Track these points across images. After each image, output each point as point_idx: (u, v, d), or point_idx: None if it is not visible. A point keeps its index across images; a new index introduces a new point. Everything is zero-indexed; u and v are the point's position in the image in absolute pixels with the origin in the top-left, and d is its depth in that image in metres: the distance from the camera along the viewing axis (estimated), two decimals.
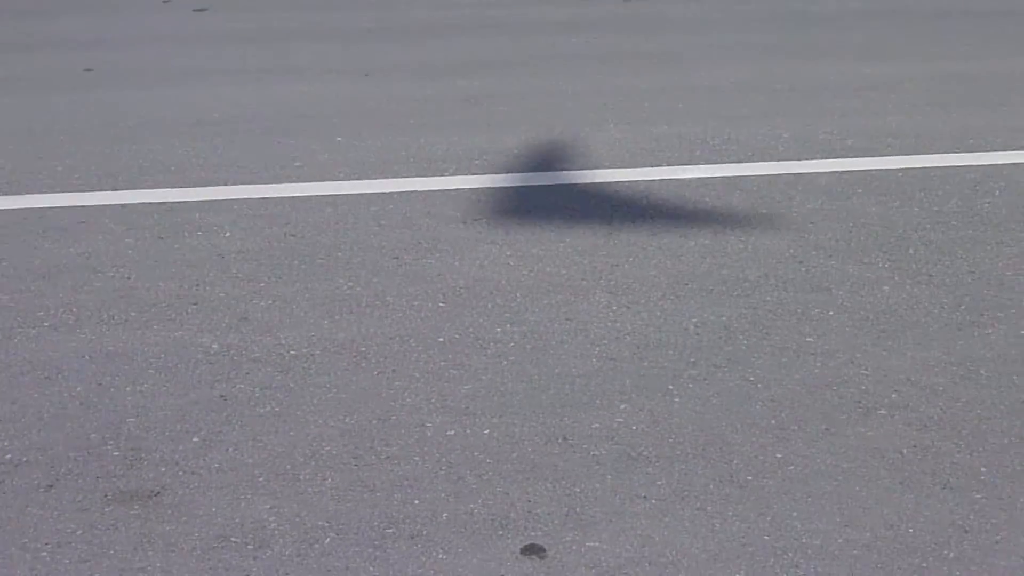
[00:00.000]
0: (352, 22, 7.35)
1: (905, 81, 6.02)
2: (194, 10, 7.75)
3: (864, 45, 6.75)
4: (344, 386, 3.28)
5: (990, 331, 3.59)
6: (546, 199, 4.54)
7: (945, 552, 2.62)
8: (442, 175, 4.78)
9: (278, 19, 7.47)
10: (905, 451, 2.99)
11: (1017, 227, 4.31)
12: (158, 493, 2.82)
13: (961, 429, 3.09)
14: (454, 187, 4.65)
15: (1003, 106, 5.63)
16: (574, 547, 2.63)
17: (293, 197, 4.58)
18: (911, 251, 4.12)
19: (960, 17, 7.40)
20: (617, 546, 2.63)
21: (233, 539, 2.66)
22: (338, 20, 7.40)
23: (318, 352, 3.46)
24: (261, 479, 2.87)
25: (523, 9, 7.64)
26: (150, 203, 4.53)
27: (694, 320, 3.64)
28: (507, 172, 4.81)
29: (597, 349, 3.47)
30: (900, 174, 4.79)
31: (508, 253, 4.09)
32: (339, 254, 4.09)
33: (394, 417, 3.13)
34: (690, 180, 4.73)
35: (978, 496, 2.82)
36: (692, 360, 3.41)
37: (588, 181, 4.71)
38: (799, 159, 4.95)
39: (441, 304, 3.75)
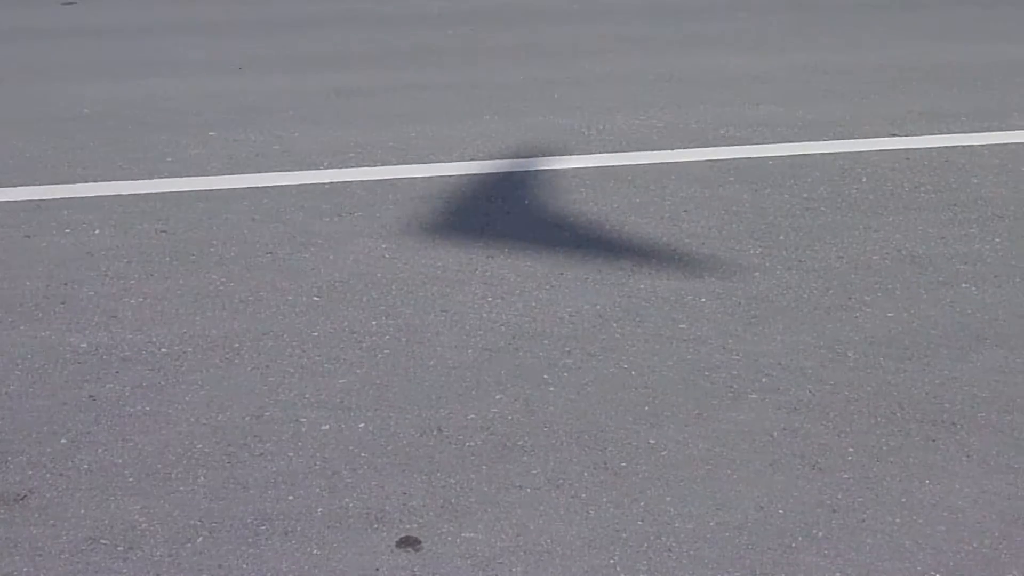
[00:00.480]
0: (225, 15, 7.25)
1: (776, 72, 6.11)
2: (63, 3, 7.59)
3: (735, 37, 6.84)
4: (217, 383, 3.24)
5: (858, 315, 3.67)
6: (421, 191, 4.53)
7: (814, 532, 2.67)
8: (316, 169, 4.74)
9: (149, 13, 7.35)
10: (775, 434, 3.04)
11: (884, 212, 4.41)
12: (24, 496, 2.76)
13: (829, 411, 3.14)
14: (328, 181, 4.62)
15: (869, 96, 5.74)
16: (449, 538, 2.63)
17: (165, 193, 4.51)
18: (782, 237, 4.19)
19: (826, 10, 7.53)
20: (492, 536, 2.64)
21: (103, 541, 2.61)
22: (210, 14, 7.30)
23: (190, 349, 3.41)
24: (131, 479, 2.83)
25: (398, 2, 7.61)
26: (16, 201, 4.43)
27: (569, 309, 3.66)
28: (382, 165, 4.78)
29: (473, 340, 3.48)
30: (771, 162, 4.87)
31: (383, 246, 4.07)
32: (212, 250, 4.04)
33: (268, 413, 3.10)
34: (565, 170, 4.75)
35: (846, 476, 2.87)
36: (567, 349, 3.43)
37: (464, 173, 4.71)
38: (673, 148, 5.00)
39: (316, 298, 3.72)
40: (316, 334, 3.50)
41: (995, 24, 7.16)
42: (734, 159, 4.89)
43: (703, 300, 3.73)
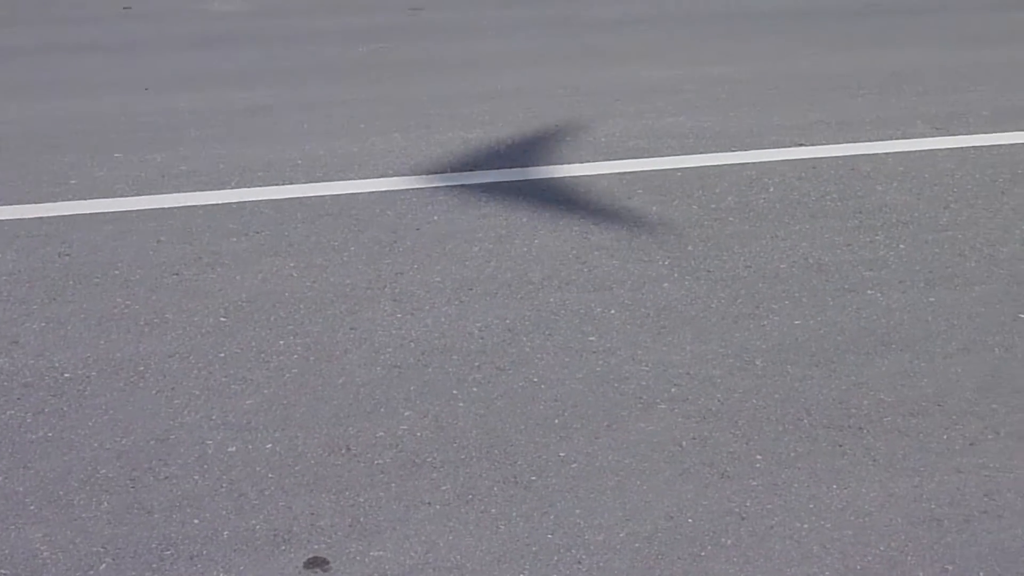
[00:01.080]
0: (131, 34, 7.16)
1: (684, 83, 6.14)
2: None
3: (641, 50, 6.86)
4: (121, 407, 3.19)
5: (765, 323, 3.69)
6: (330, 209, 4.50)
7: (723, 539, 2.68)
8: (223, 188, 4.69)
9: (52, 32, 7.24)
10: (684, 443, 3.05)
11: (790, 221, 4.45)
12: None
13: (737, 419, 3.16)
14: (236, 200, 4.57)
15: (776, 105, 5.80)
16: (358, 557, 2.61)
17: (68, 216, 4.44)
18: (690, 248, 4.21)
19: (728, 22, 7.59)
20: (401, 554, 2.62)
21: (2, 571, 2.55)
22: (116, 32, 7.21)
23: (94, 373, 3.36)
24: (32, 507, 2.77)
25: (307, 19, 7.56)
26: None
27: (478, 324, 3.65)
28: (290, 183, 4.74)
29: (382, 357, 3.45)
30: (679, 173, 4.89)
31: (291, 265, 4.03)
32: (116, 272, 3.97)
33: (173, 436, 3.06)
34: (475, 185, 4.74)
35: (754, 483, 2.89)
36: (476, 364, 3.42)
37: (373, 190, 4.69)
38: (582, 162, 5.01)
39: (222, 319, 3.67)
40: (223, 355, 3.46)
41: (897, 33, 7.26)
42: (642, 171, 4.91)
43: (612, 312, 3.74)
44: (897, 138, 5.34)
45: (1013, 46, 7.00)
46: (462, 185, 4.75)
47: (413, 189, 4.70)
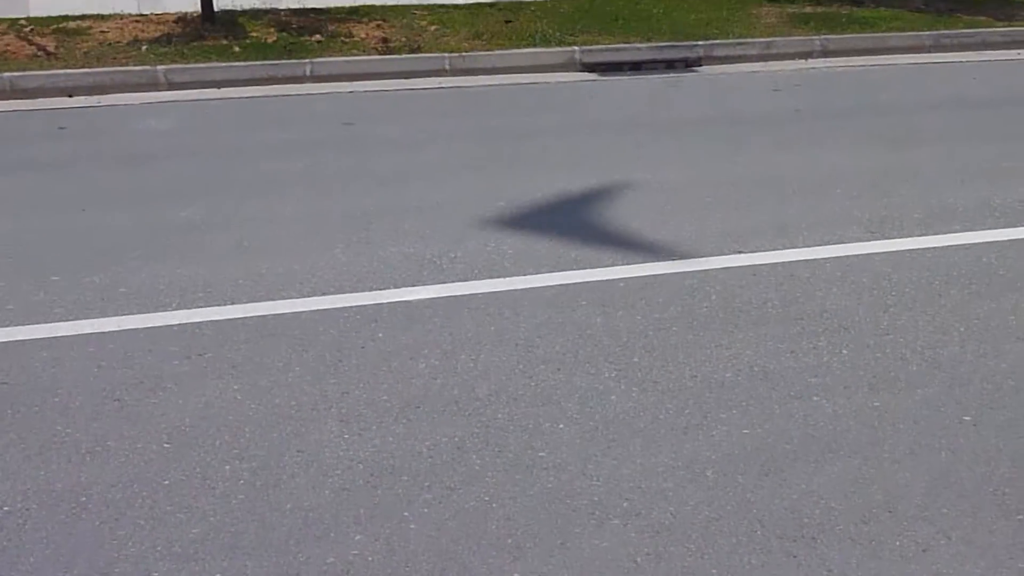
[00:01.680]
0: (66, 154, 7.13)
1: (618, 192, 6.19)
2: None
3: (570, 159, 6.91)
4: (62, 540, 3.11)
5: (714, 433, 3.69)
6: (273, 328, 4.47)
7: None
8: (164, 310, 4.64)
9: None
10: (639, 559, 3.02)
11: (734, 329, 4.47)
12: None
13: (691, 532, 3.14)
14: (177, 322, 4.52)
15: (712, 212, 5.85)
16: None
17: (5, 342, 4.37)
18: (636, 359, 4.22)
19: (656, 129, 7.69)
20: None
21: None
22: (52, 152, 7.17)
23: (34, 505, 3.28)
24: None
25: (240, 134, 7.57)
26: None
27: (427, 443, 3.62)
28: (231, 303, 4.71)
29: (330, 480, 3.40)
30: (622, 284, 4.91)
31: (235, 387, 3.99)
32: (55, 399, 3.91)
33: (118, 569, 2.98)
34: (418, 301, 4.73)
35: None
36: (426, 484, 3.38)
37: (316, 308, 4.66)
38: (524, 274, 5.02)
39: (166, 445, 3.61)
40: (167, 482, 3.39)
41: (825, 136, 7.38)
42: (585, 282, 4.93)
43: (561, 426, 3.72)
44: (833, 242, 5.41)
45: (937, 146, 7.14)
46: (406, 301, 4.73)
47: (356, 306, 4.68)
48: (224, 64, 9.15)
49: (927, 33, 10.73)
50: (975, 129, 7.60)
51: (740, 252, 5.28)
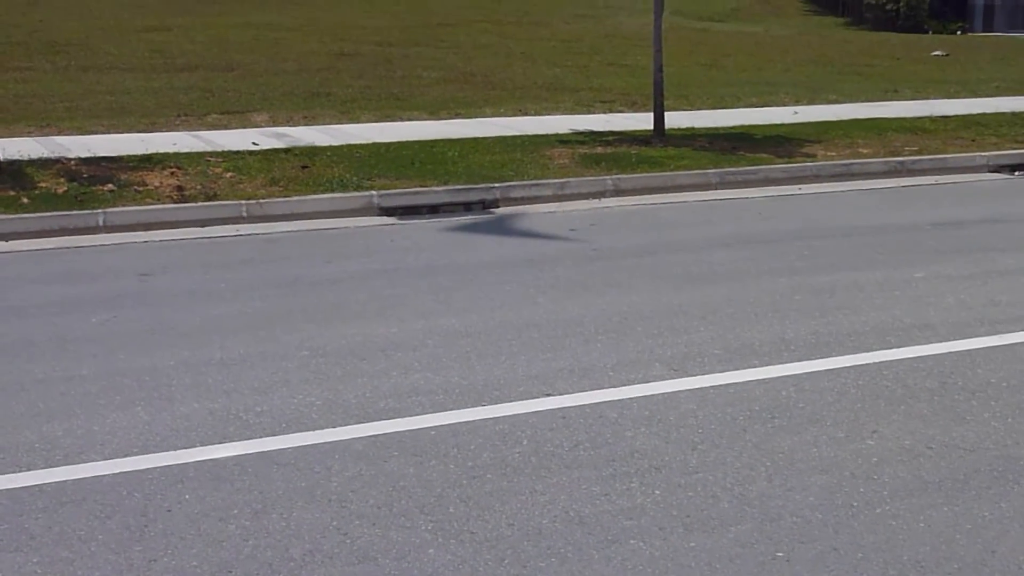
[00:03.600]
0: None
1: (422, 338, 6.18)
2: None
3: (375, 306, 6.83)
4: None
5: None
6: (72, 495, 4.28)
7: None
8: None
9: None
10: None
11: (547, 474, 4.47)
12: None
13: None
14: None
15: (517, 356, 5.89)
16: None
17: None
18: (451, 509, 4.17)
19: (453, 272, 7.74)
20: None
21: None
22: None
23: None
24: None
25: (32, 288, 7.30)
26: None
27: None
28: (27, 469, 4.50)
29: None
30: (433, 432, 4.88)
31: (33, 560, 3.79)
32: None
33: None
34: (225, 459, 4.61)
35: None
36: None
37: (117, 471, 4.49)
38: (333, 426, 4.95)
39: None
40: None
41: (622, 275, 7.52)
42: (395, 432, 4.88)
43: None
44: (638, 382, 5.50)
45: (731, 284, 7.35)
46: (212, 459, 4.60)
47: (160, 467, 4.53)
48: (11, 216, 8.88)
49: (713, 171, 11.13)
50: (764, 264, 7.87)
51: (548, 395, 5.32)
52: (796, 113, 15.16)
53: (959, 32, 32.17)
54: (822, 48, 24.94)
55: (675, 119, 13.57)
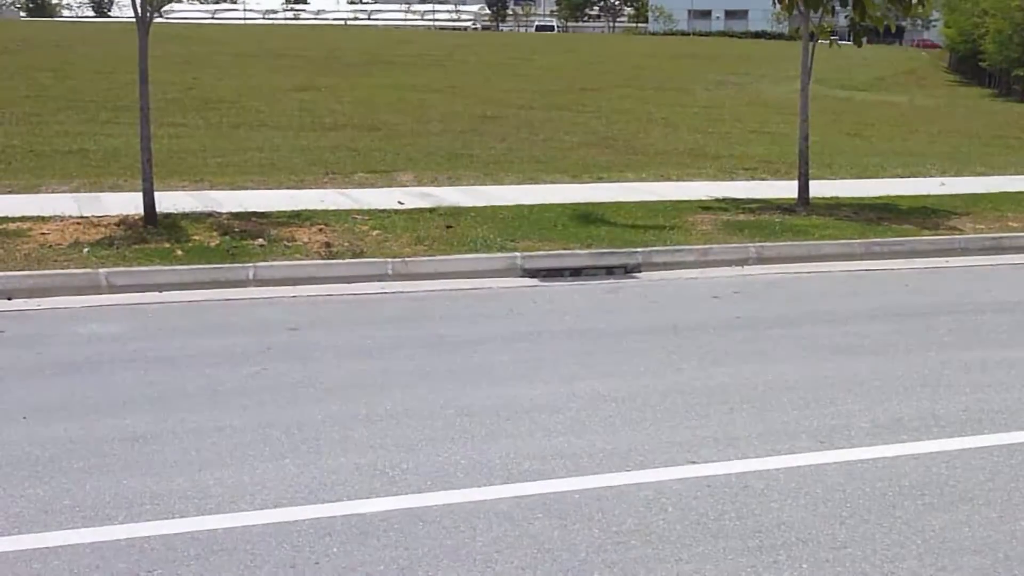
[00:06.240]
0: (4, 359, 7.00)
1: (566, 401, 6.19)
2: None
3: (518, 368, 6.87)
4: None
5: None
6: (224, 543, 4.36)
7: None
8: (110, 523, 4.52)
9: None
10: None
11: (692, 543, 4.43)
12: None
13: None
14: (124, 536, 4.40)
15: (661, 422, 5.86)
16: None
17: None
18: (596, 575, 4.15)
19: (602, 338, 7.74)
20: None
21: None
22: None
23: None
24: None
25: (183, 340, 7.47)
26: None
27: None
28: (180, 516, 4.60)
29: None
30: (577, 495, 4.88)
31: None
32: None
33: None
34: (372, 514, 4.66)
35: None
36: None
37: (267, 521, 4.57)
38: (478, 486, 4.97)
39: None
40: None
41: (767, 344, 7.46)
42: (539, 494, 4.89)
43: None
44: (784, 453, 5.43)
45: (878, 356, 7.24)
46: (358, 514, 4.65)
47: (309, 519, 4.60)
48: (167, 267, 9.14)
49: (858, 241, 11.00)
50: (912, 337, 7.73)
51: (693, 463, 5.28)
52: (943, 184, 14.95)
53: None
54: (968, 119, 24.55)
55: (819, 188, 13.47)
